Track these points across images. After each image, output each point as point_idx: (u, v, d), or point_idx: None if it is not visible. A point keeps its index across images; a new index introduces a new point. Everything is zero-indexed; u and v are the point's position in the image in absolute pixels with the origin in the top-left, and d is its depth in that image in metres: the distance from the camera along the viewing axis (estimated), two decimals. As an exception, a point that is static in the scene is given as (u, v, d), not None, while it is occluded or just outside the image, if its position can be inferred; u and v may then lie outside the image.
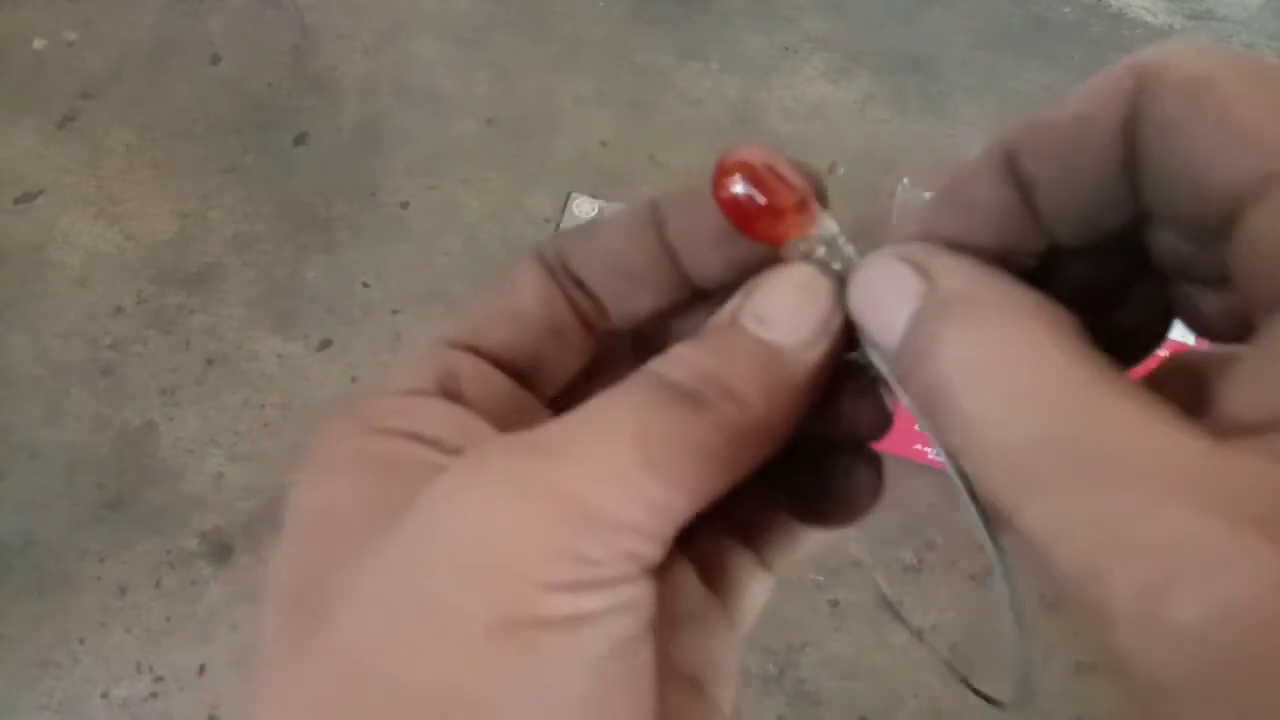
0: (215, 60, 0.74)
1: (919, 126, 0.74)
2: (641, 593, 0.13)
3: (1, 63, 0.73)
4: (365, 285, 0.64)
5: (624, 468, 0.13)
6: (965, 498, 0.16)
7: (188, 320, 0.62)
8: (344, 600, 0.13)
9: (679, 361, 0.15)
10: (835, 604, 0.55)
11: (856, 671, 0.53)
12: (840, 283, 0.16)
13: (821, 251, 0.16)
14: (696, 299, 0.17)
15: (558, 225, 0.50)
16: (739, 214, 0.15)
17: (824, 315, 0.15)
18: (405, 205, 0.68)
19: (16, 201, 0.66)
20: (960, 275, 0.14)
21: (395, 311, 0.63)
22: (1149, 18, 0.83)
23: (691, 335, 0.16)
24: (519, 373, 0.17)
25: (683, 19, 0.79)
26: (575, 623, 0.12)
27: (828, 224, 0.16)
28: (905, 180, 0.53)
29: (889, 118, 0.75)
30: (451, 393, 0.16)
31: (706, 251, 0.16)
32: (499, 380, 0.17)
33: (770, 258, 0.16)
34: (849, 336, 0.16)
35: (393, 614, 0.13)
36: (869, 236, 0.15)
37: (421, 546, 0.13)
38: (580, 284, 0.17)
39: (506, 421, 0.16)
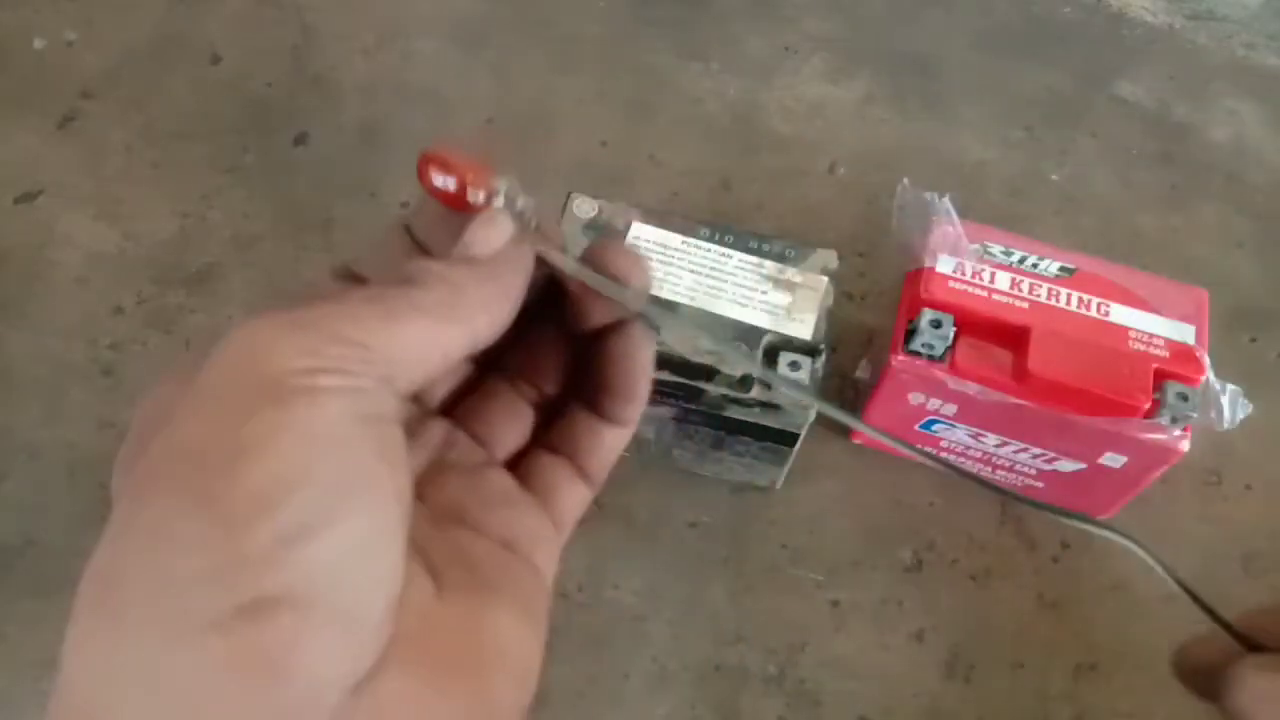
0: (215, 60, 0.74)
1: (919, 126, 0.74)
2: (381, 391, 0.18)
3: (1, 63, 0.73)
4: (365, 285, 0.64)
5: (357, 310, 0.19)
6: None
7: (188, 320, 0.62)
8: (161, 421, 0.18)
9: (407, 265, 0.21)
10: (835, 604, 0.55)
11: (856, 671, 0.53)
12: (518, 217, 0.23)
13: (501, 202, 0.22)
14: None
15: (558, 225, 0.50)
16: (440, 195, 0.23)
17: (501, 233, 0.22)
18: (405, 205, 0.68)
19: (16, 201, 0.66)
20: None
21: (395, 311, 0.63)
22: (1149, 18, 0.83)
23: None
24: None
25: (683, 19, 0.79)
26: (314, 392, 0.17)
27: (497, 183, 0.22)
28: (905, 180, 0.53)
29: (889, 118, 0.75)
30: None
31: (438, 233, 0.23)
32: None
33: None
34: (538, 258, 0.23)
35: (194, 407, 0.18)
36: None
37: (211, 361, 0.18)
38: (363, 280, 0.24)
39: None
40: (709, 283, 0.49)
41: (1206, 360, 0.49)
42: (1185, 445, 0.49)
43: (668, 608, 0.54)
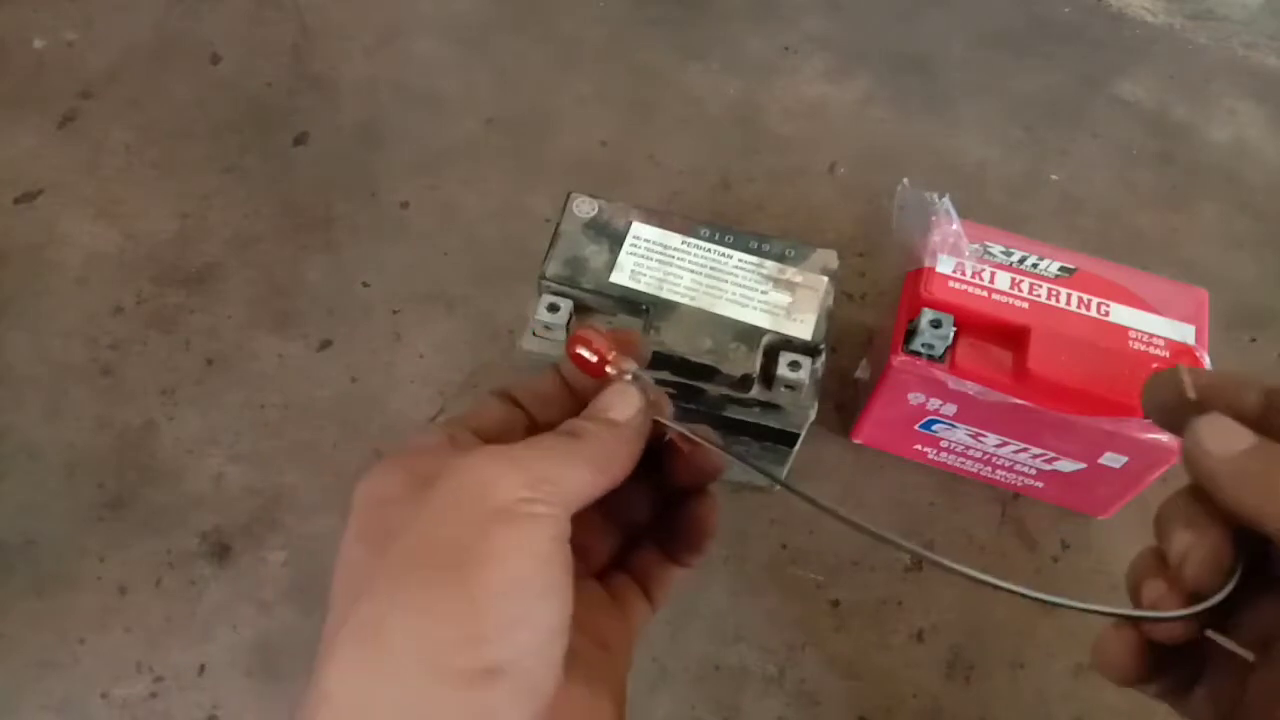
0: (215, 60, 0.74)
1: (919, 126, 0.74)
2: (563, 517, 0.24)
3: (1, 63, 0.73)
4: (365, 285, 0.64)
5: (547, 458, 0.25)
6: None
7: (188, 320, 0.62)
8: (408, 519, 0.24)
9: (570, 423, 0.28)
10: (835, 604, 0.55)
11: (856, 671, 0.53)
12: (643, 390, 0.29)
13: (629, 377, 0.29)
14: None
15: (557, 225, 0.50)
16: (583, 365, 0.29)
17: (634, 403, 0.28)
18: (405, 205, 0.68)
19: (16, 201, 0.66)
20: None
21: (395, 311, 0.63)
22: (1149, 18, 0.83)
23: None
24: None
25: (683, 19, 0.79)
26: (530, 517, 0.24)
27: (627, 364, 0.29)
28: (905, 180, 0.53)
29: (889, 118, 0.75)
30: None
31: (579, 381, 0.30)
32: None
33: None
34: (655, 422, 0.29)
35: (443, 515, 0.24)
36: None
37: (450, 482, 0.24)
38: (518, 403, 0.30)
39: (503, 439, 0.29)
40: (709, 283, 0.49)
41: (1206, 360, 0.49)
42: (1185, 445, 0.49)
43: (667, 608, 0.54)
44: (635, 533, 0.32)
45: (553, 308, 0.48)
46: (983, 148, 0.73)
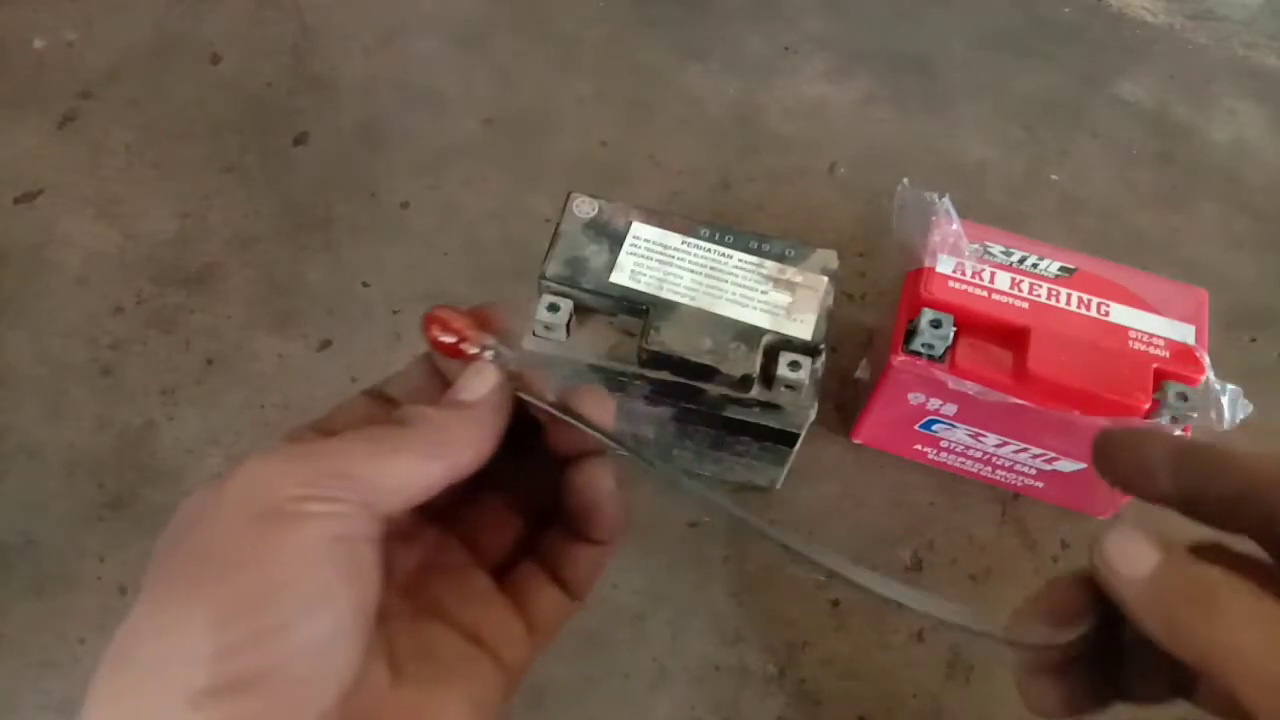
0: (215, 60, 0.74)
1: (919, 126, 0.74)
2: (359, 515, 0.22)
3: (1, 63, 0.73)
4: (365, 285, 0.64)
5: (351, 447, 0.23)
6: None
7: (188, 320, 0.62)
8: (191, 525, 0.22)
9: (403, 410, 0.25)
10: (835, 604, 0.55)
11: (856, 671, 0.53)
12: (502, 366, 0.27)
13: (489, 354, 0.27)
14: None
15: (557, 225, 0.50)
16: (441, 347, 0.27)
17: (487, 382, 0.26)
18: (405, 205, 0.68)
19: (16, 201, 0.66)
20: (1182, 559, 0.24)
21: (395, 311, 0.63)
22: (1149, 18, 0.83)
23: None
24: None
25: (683, 19, 0.79)
26: (300, 516, 0.21)
27: (485, 340, 0.27)
28: (905, 180, 0.53)
29: (889, 118, 0.75)
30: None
31: (448, 367, 0.28)
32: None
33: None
34: (519, 401, 0.27)
35: (209, 521, 0.22)
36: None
37: (228, 483, 0.22)
38: (392, 399, 0.28)
39: None
40: (709, 283, 0.49)
41: (1206, 360, 0.49)
42: (1185, 445, 0.49)
43: (668, 608, 0.54)
44: (544, 515, 0.30)
45: (553, 308, 0.48)
46: (983, 148, 0.73)
